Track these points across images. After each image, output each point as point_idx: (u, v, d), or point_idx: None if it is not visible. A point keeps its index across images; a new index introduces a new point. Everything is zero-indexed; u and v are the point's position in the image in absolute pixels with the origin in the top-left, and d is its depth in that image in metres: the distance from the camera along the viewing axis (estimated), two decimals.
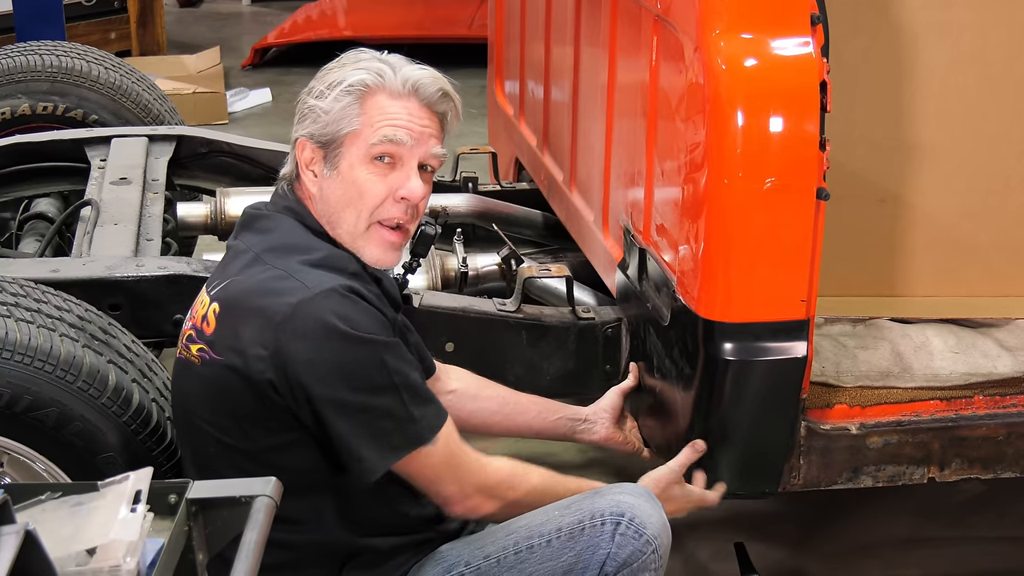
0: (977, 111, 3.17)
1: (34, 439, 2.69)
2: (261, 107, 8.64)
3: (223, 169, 4.39)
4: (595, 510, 2.50)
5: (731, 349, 2.73)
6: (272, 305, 2.37)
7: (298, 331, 2.34)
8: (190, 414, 2.51)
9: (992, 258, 3.26)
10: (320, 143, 2.51)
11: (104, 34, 9.30)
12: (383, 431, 2.39)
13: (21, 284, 2.84)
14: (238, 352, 2.39)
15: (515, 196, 4.37)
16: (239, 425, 2.43)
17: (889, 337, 3.11)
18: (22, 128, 4.43)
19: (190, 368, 2.48)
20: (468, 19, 9.25)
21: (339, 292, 2.38)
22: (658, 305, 2.97)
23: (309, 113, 2.52)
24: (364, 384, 2.38)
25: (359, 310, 2.40)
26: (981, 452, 3.01)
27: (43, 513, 1.73)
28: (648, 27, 3.00)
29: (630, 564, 2.47)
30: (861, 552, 3.76)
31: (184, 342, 2.52)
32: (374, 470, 2.40)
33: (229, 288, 2.46)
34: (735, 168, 2.63)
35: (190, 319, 2.53)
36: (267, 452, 2.44)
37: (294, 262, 2.44)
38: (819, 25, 2.63)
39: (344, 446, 2.39)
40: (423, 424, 2.42)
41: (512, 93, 4.68)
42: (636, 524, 2.48)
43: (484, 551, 2.55)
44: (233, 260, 2.52)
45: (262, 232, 2.53)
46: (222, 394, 2.42)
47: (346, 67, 2.52)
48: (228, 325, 2.42)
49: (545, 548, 2.50)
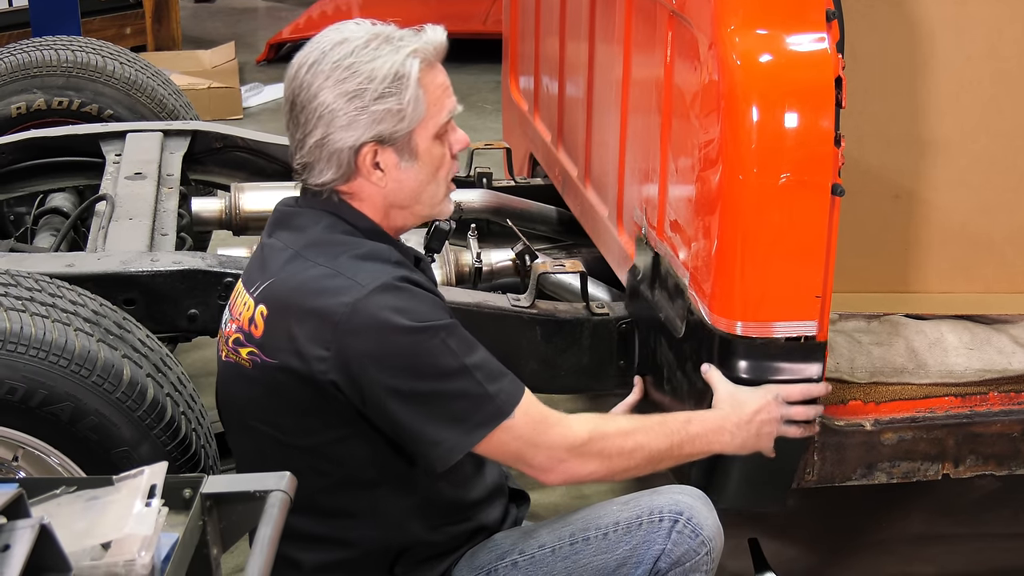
0: (992, 107, 3.16)
1: (49, 433, 2.70)
2: (276, 102, 8.64)
3: (238, 164, 4.40)
4: (654, 507, 2.51)
5: (746, 367, 2.72)
6: (328, 305, 2.35)
7: (359, 331, 2.33)
8: (244, 416, 2.49)
9: (1007, 254, 3.25)
10: (391, 141, 2.44)
11: (119, 29, 9.32)
12: (462, 413, 2.37)
13: (36, 279, 2.85)
14: (295, 354, 2.37)
15: (529, 192, 4.37)
16: (298, 424, 2.42)
17: (904, 333, 3.10)
18: (37, 123, 4.45)
19: (241, 372, 2.46)
20: (483, 14, 9.25)
21: (393, 285, 2.37)
22: (671, 316, 2.97)
23: (387, 115, 2.42)
24: (434, 372, 2.36)
25: (415, 299, 2.39)
26: (996, 449, 3.00)
27: (58, 507, 1.73)
28: (663, 23, 3.00)
29: (683, 563, 2.48)
30: (876, 548, 3.76)
31: (231, 345, 2.48)
32: (455, 451, 2.37)
33: (274, 288, 2.43)
34: (750, 164, 2.63)
35: (233, 321, 2.50)
36: (328, 446, 2.43)
37: (341, 258, 2.42)
38: (834, 21, 2.63)
39: (418, 434, 2.37)
40: (501, 399, 2.39)
41: (527, 89, 4.68)
42: (694, 524, 2.49)
43: (539, 540, 2.56)
44: (272, 258, 2.49)
45: (299, 229, 2.50)
46: (279, 396, 2.41)
47: (380, 55, 2.43)
48: (280, 328, 2.39)
49: (601, 540, 2.51)
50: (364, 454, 2.45)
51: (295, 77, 2.46)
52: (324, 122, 2.42)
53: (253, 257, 2.59)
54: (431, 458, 2.39)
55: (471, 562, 2.58)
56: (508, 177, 4.57)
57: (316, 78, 2.42)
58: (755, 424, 2.64)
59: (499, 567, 2.56)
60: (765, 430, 2.65)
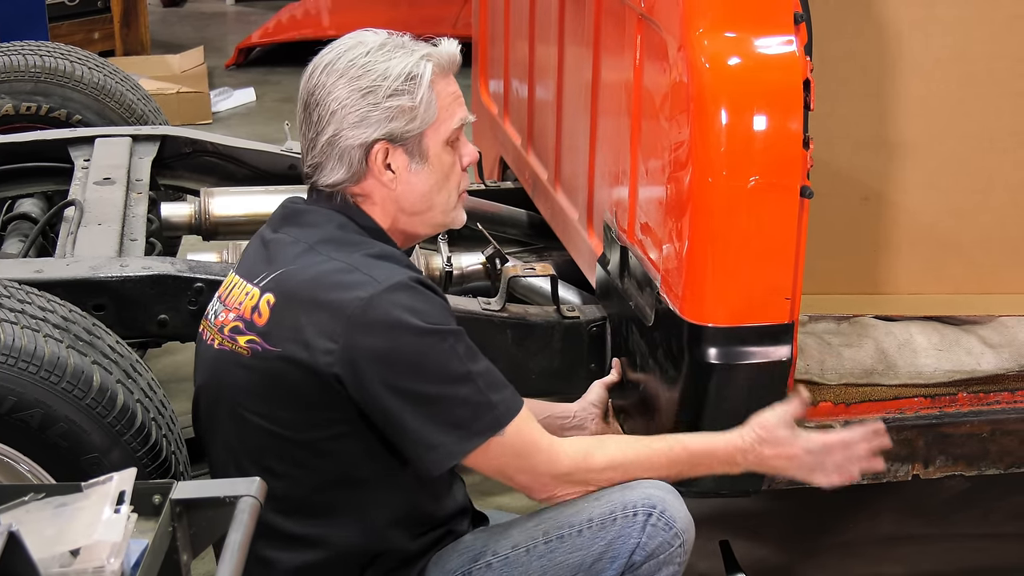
0: (960, 109, 3.18)
1: (18, 440, 2.68)
2: (245, 107, 8.64)
3: (207, 169, 4.38)
4: (626, 501, 2.52)
5: (716, 353, 2.73)
6: (342, 299, 2.36)
7: (370, 326, 2.34)
8: (236, 405, 2.48)
9: (976, 255, 3.27)
10: (402, 141, 2.48)
11: (87, 34, 9.28)
12: (461, 419, 2.38)
13: (5, 285, 2.83)
14: (301, 344, 2.37)
15: (500, 195, 4.37)
16: (295, 417, 2.42)
17: (873, 335, 3.11)
18: (5, 128, 4.42)
19: (237, 360, 2.45)
20: (453, 18, 9.25)
21: (408, 285, 2.39)
22: (641, 304, 2.98)
23: (400, 113, 2.46)
24: (440, 376, 2.37)
25: (428, 301, 2.40)
26: (965, 449, 3.02)
27: (27, 514, 1.73)
28: (632, 26, 3.00)
29: (657, 555, 2.50)
30: (846, 549, 3.77)
31: (227, 333, 2.48)
32: (450, 456, 2.39)
33: (285, 278, 2.44)
34: (719, 167, 2.64)
35: (229, 310, 2.50)
36: (323, 441, 2.43)
37: (356, 255, 2.44)
38: (802, 23, 2.64)
39: (416, 436, 2.38)
40: (500, 410, 2.41)
41: (496, 92, 4.68)
42: (667, 517, 2.50)
43: (512, 540, 2.56)
44: (280, 251, 2.49)
45: (310, 226, 2.51)
46: (277, 385, 2.41)
47: (394, 56, 2.48)
48: (288, 316, 2.40)
49: (576, 537, 2.52)
50: (358, 452, 2.45)
51: (310, 78, 2.50)
52: (336, 118, 2.46)
53: (252, 250, 2.59)
54: (426, 461, 2.40)
55: (441, 566, 2.57)
56: (478, 181, 4.57)
57: (330, 76, 2.47)
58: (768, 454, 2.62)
59: (473, 570, 2.55)
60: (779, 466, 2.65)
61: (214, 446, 2.60)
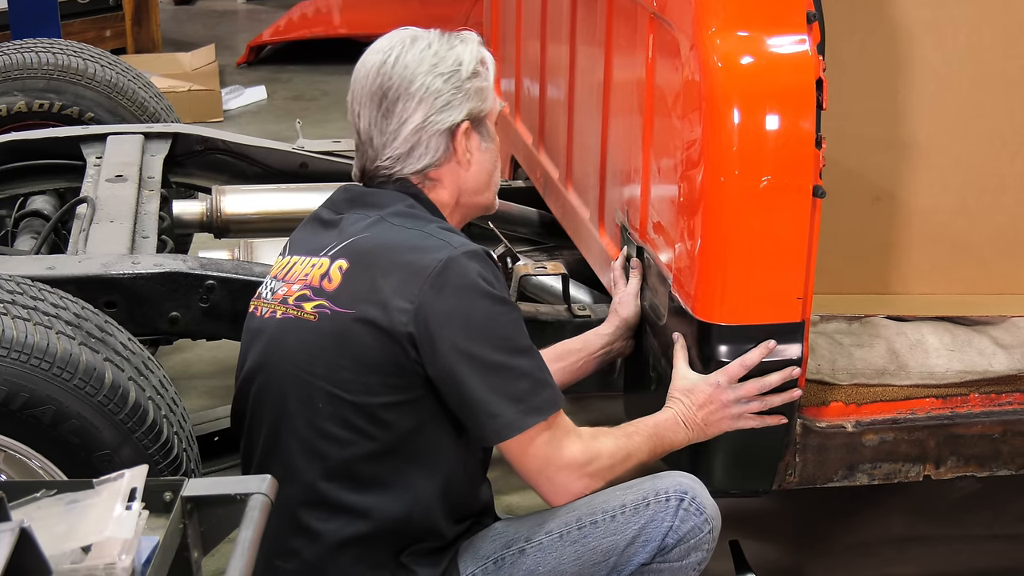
0: (972, 109, 3.18)
1: (30, 437, 2.69)
2: (256, 105, 8.64)
3: (219, 167, 4.39)
4: (659, 488, 2.57)
5: (727, 351, 2.74)
6: (420, 260, 2.43)
7: (447, 286, 2.41)
8: (297, 367, 2.49)
9: (987, 256, 3.27)
10: (477, 120, 2.61)
11: (99, 32, 9.30)
12: (523, 393, 2.43)
13: (17, 281, 2.83)
14: (378, 304, 2.42)
15: (511, 194, 4.37)
16: (359, 379, 2.45)
17: (885, 335, 3.11)
18: (18, 125, 4.43)
19: (302, 325, 2.49)
20: (463, 16, 9.25)
21: (481, 255, 2.48)
22: (655, 303, 2.97)
23: (477, 94, 2.60)
24: (507, 345, 2.44)
25: (497, 275, 2.49)
26: (977, 450, 3.01)
27: (38, 510, 1.73)
28: (644, 25, 3.00)
29: (688, 540, 2.54)
30: (857, 550, 3.76)
31: (292, 303, 2.52)
32: (512, 427, 2.43)
33: (359, 244, 2.50)
34: (731, 166, 2.63)
35: (296, 281, 2.54)
36: (382, 409, 2.46)
37: (431, 226, 2.52)
38: (815, 23, 2.63)
39: (480, 403, 2.42)
40: (556, 391, 2.49)
41: (507, 91, 4.68)
42: (698, 503, 2.55)
43: (545, 527, 2.58)
44: (349, 225, 2.55)
45: (378, 206, 2.57)
46: (346, 346, 2.44)
47: (455, 44, 2.62)
48: (363, 278, 2.45)
49: (610, 523, 2.55)
50: (414, 425, 2.48)
51: (379, 74, 2.58)
52: (425, 104, 2.56)
53: (309, 231, 2.65)
54: (487, 430, 2.45)
55: (474, 552, 2.59)
56: None
57: (407, 68, 2.57)
58: (701, 416, 2.74)
59: (506, 556, 2.57)
60: (713, 420, 2.74)
61: (259, 425, 2.60)
